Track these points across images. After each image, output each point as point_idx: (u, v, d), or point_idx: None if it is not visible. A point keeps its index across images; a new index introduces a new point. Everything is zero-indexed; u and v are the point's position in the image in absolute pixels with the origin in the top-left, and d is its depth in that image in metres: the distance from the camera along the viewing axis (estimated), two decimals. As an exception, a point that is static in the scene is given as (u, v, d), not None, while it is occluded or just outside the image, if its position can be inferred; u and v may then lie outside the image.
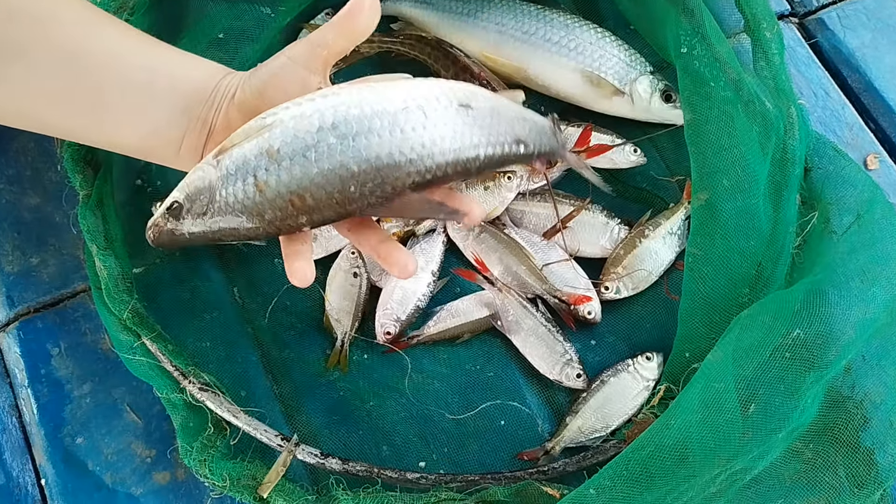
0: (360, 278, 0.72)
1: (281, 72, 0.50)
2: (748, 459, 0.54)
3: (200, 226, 0.48)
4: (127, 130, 0.52)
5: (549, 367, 0.70)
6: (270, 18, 0.73)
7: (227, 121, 0.51)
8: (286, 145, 0.45)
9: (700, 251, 0.66)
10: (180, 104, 0.51)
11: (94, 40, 0.51)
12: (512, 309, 0.71)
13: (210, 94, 0.52)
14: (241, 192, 0.46)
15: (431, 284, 0.73)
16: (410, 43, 0.79)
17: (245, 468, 0.63)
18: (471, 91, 0.48)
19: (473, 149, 0.47)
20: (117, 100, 0.51)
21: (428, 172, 0.46)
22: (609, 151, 0.77)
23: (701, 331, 0.64)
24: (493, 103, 0.49)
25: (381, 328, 0.71)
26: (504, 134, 0.48)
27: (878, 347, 0.61)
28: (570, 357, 0.70)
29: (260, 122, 0.47)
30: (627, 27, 0.82)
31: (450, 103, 0.47)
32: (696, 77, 0.67)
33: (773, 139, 0.65)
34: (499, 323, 0.72)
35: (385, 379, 0.71)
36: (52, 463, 0.67)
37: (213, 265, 0.74)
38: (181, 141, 0.52)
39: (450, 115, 0.47)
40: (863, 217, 0.63)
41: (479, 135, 0.47)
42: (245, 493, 0.61)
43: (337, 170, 0.45)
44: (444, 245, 0.75)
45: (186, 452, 0.62)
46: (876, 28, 0.86)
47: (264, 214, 0.46)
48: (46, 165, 0.77)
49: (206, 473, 0.61)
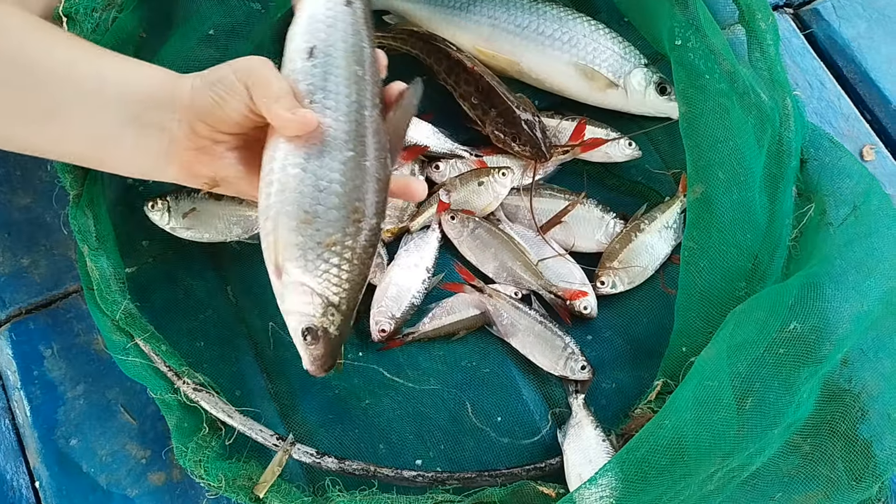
0: None
1: (224, 84, 0.51)
2: (745, 456, 0.54)
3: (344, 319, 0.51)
4: (76, 138, 0.52)
5: (553, 364, 0.70)
6: (261, 14, 0.72)
7: (191, 129, 0.52)
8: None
9: (696, 245, 0.65)
10: (131, 111, 0.51)
11: (42, 49, 0.51)
12: (505, 312, 0.71)
13: (165, 100, 0.52)
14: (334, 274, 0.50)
15: (426, 281, 0.73)
16: (403, 38, 0.78)
17: (241, 468, 0.62)
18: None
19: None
20: (66, 108, 0.51)
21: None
22: (604, 145, 0.76)
23: (698, 325, 0.64)
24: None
25: (375, 326, 0.71)
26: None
27: (875, 339, 0.61)
28: (571, 350, 0.70)
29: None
30: (621, 19, 0.81)
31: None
32: (690, 69, 0.66)
33: (769, 131, 0.65)
34: (495, 328, 0.71)
35: (380, 377, 0.71)
36: (46, 465, 0.67)
37: (206, 264, 0.74)
38: (134, 148, 0.52)
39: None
40: (859, 208, 0.63)
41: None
42: (241, 493, 0.61)
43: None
44: (438, 241, 0.75)
45: (181, 453, 0.61)
46: (871, 18, 0.86)
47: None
48: (36, 165, 0.76)
49: (202, 474, 0.61)
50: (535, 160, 0.74)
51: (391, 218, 0.74)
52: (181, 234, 0.71)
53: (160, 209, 0.70)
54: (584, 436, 0.66)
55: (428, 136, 0.77)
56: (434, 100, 0.79)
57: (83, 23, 0.64)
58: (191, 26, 0.69)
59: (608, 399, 0.70)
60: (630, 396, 0.69)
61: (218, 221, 0.71)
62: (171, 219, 0.70)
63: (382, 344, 0.71)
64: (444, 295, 0.73)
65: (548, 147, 0.73)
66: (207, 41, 0.70)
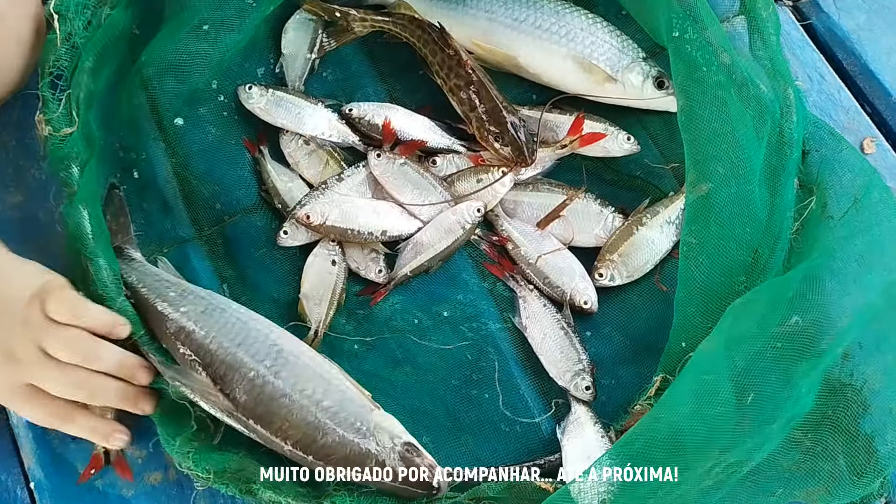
0: (339, 266, 0.72)
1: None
2: (744, 451, 0.53)
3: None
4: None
5: (560, 373, 0.69)
6: (252, 8, 0.72)
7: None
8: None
9: (695, 239, 0.65)
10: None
11: None
12: (533, 303, 0.71)
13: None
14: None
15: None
16: (402, 24, 0.78)
17: (230, 460, 0.61)
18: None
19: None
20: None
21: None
22: (602, 140, 0.76)
23: (697, 320, 0.63)
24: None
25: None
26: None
27: (877, 333, 0.60)
28: (582, 367, 0.69)
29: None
30: (619, 12, 0.80)
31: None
32: (688, 61, 0.66)
33: (769, 123, 0.64)
34: (517, 319, 0.71)
35: (377, 370, 0.70)
36: (41, 466, 0.66)
37: (201, 260, 0.73)
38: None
39: None
40: (860, 201, 0.62)
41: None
42: (231, 485, 0.60)
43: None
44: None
45: (169, 444, 0.61)
46: (871, 9, 0.85)
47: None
48: (29, 163, 0.76)
49: (190, 465, 0.60)
50: (515, 163, 0.73)
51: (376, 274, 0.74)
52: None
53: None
54: (584, 432, 0.65)
55: (425, 130, 0.77)
56: (432, 94, 0.78)
57: (74, 20, 0.64)
58: (181, 20, 0.69)
59: (608, 395, 0.70)
60: (629, 392, 0.69)
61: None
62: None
63: (380, 339, 0.71)
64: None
65: (530, 152, 0.73)
66: (197, 35, 0.69)
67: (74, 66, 0.65)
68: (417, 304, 0.73)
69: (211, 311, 0.63)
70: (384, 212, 0.73)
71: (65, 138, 0.65)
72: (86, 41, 0.66)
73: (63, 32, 0.65)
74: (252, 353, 0.61)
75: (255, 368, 0.61)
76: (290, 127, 0.76)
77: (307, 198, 0.73)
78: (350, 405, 0.61)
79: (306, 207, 0.72)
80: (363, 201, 0.74)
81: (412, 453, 0.59)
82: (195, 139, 0.77)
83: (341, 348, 0.71)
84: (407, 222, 0.74)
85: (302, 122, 0.76)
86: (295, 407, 0.60)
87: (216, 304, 0.64)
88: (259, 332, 0.63)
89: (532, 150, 0.73)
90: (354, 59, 0.82)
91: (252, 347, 0.61)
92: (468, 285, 0.74)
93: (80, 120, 0.65)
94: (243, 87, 0.76)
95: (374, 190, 0.75)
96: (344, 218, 0.72)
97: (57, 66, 0.65)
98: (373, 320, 0.72)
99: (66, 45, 0.65)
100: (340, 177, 0.75)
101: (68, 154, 0.65)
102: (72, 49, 0.65)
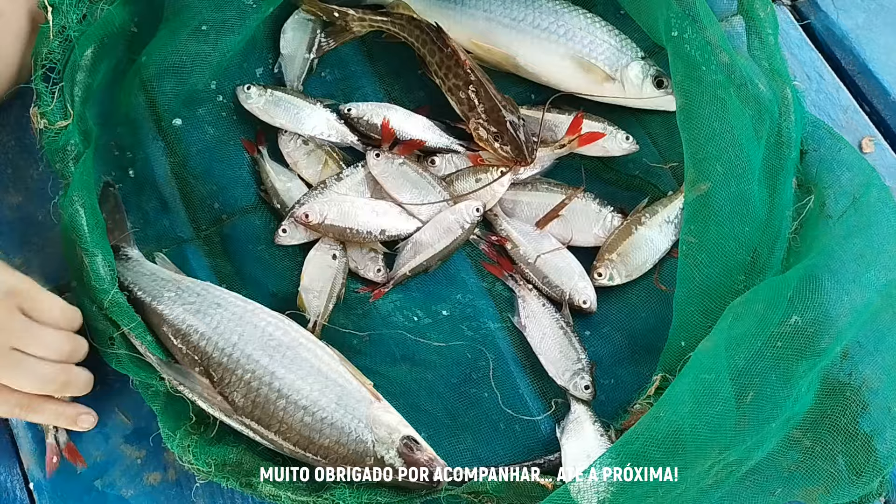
0: (339, 261, 0.72)
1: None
2: (743, 450, 0.53)
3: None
4: None
5: (559, 373, 0.69)
6: (252, 9, 0.72)
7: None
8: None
9: (695, 238, 0.65)
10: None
11: None
12: (532, 303, 0.71)
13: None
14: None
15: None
16: (401, 24, 0.78)
17: (229, 453, 0.61)
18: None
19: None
20: None
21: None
22: (601, 139, 0.76)
23: (696, 319, 0.63)
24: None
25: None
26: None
27: (875, 332, 0.60)
28: (581, 366, 0.69)
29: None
30: (618, 11, 0.80)
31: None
32: (687, 61, 0.66)
33: (767, 122, 0.64)
34: (516, 318, 0.71)
35: (376, 366, 0.70)
36: (40, 466, 0.66)
37: (199, 259, 0.73)
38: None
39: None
40: (859, 200, 0.62)
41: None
42: (230, 478, 0.60)
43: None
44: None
45: (169, 438, 0.61)
46: (870, 9, 0.85)
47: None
48: (28, 163, 0.76)
49: (191, 459, 0.60)
50: (514, 163, 0.73)
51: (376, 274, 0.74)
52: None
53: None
54: (583, 432, 0.65)
55: (423, 130, 0.77)
56: (431, 94, 0.78)
57: (68, 13, 0.63)
58: (181, 21, 0.69)
59: (607, 394, 0.70)
60: (629, 392, 0.69)
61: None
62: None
63: (379, 336, 0.71)
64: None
65: (529, 151, 0.73)
66: (197, 36, 0.69)
67: (67, 58, 0.65)
68: (416, 303, 0.73)
69: (206, 309, 0.63)
70: (383, 211, 0.73)
71: (60, 131, 0.65)
72: (80, 34, 0.66)
73: (56, 25, 0.65)
74: (248, 354, 0.61)
75: (251, 370, 0.61)
76: (289, 127, 0.76)
77: (306, 197, 0.73)
78: (349, 400, 0.61)
79: (305, 206, 0.72)
80: (362, 201, 0.74)
81: (412, 448, 0.59)
82: (194, 139, 0.77)
83: (340, 344, 0.70)
84: (406, 222, 0.74)
85: (300, 122, 0.76)
86: (291, 409, 0.60)
87: (212, 299, 0.64)
88: (255, 327, 0.63)
89: (532, 149, 0.73)
90: (353, 59, 0.82)
91: (248, 347, 0.61)
92: (467, 285, 0.74)
93: (76, 113, 0.65)
94: (242, 88, 0.76)
95: (373, 190, 0.75)
96: (343, 217, 0.72)
97: (49, 58, 0.65)
98: (371, 318, 0.72)
99: (60, 38, 0.65)
100: (339, 176, 0.75)
101: (63, 146, 0.65)
102: (65, 42, 0.65)
